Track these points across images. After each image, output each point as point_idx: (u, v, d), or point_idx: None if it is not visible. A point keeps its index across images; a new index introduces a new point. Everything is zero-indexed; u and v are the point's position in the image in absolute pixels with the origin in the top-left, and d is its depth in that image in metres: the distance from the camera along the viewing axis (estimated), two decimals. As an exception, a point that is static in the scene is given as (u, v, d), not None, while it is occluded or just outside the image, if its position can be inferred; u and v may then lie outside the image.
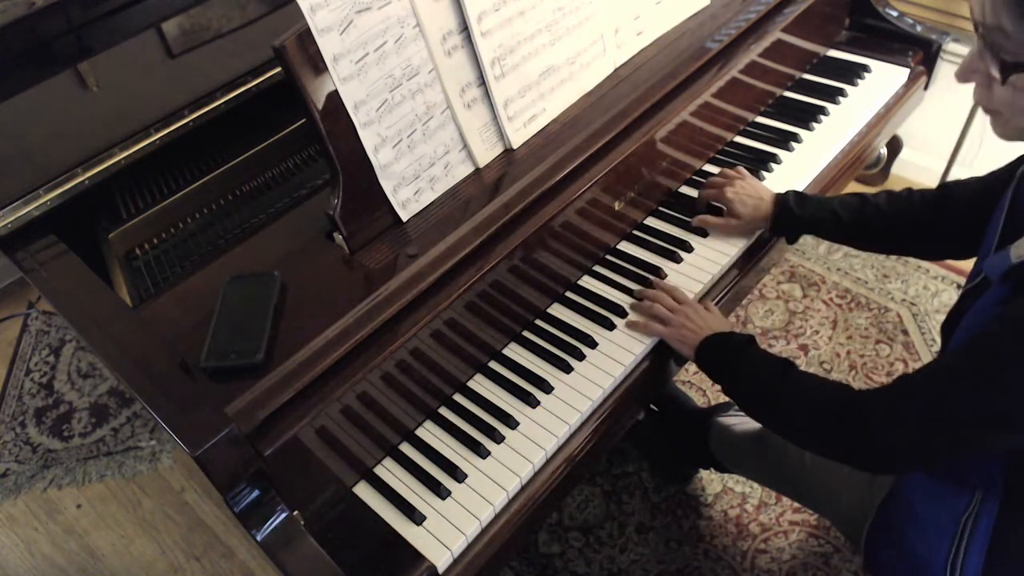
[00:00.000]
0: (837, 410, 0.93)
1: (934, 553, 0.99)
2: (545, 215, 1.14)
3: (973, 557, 0.96)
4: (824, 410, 0.95)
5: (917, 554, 1.02)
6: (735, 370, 1.07)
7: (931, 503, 1.00)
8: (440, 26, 1.07)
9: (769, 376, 1.02)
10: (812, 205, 1.25)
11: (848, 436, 0.92)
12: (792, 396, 0.99)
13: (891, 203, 1.19)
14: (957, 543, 0.97)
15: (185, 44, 1.43)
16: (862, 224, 1.21)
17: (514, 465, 1.04)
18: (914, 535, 1.02)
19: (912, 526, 1.03)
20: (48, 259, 1.12)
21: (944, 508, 0.98)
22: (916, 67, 1.66)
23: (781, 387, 0.99)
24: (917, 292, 2.07)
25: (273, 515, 0.90)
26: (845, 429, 0.92)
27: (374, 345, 0.98)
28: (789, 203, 1.26)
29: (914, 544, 1.02)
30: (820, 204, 1.25)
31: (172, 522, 1.81)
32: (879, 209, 1.20)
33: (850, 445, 0.93)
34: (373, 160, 1.04)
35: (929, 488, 1.01)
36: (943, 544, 0.98)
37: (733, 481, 1.72)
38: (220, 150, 1.35)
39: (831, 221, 1.23)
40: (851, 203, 1.22)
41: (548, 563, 1.62)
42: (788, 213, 1.26)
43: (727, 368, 1.08)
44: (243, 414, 0.87)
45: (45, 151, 1.23)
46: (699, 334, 1.12)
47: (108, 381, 2.14)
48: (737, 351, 1.07)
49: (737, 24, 1.42)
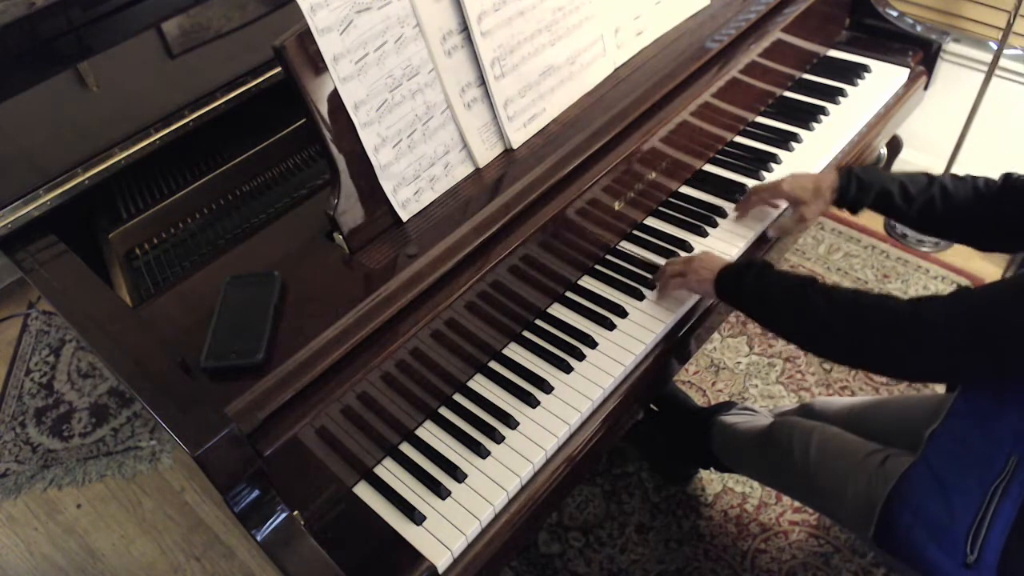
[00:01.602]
0: (889, 318, 0.95)
1: (957, 521, 1.00)
2: (545, 215, 1.14)
3: (998, 526, 0.98)
4: (870, 318, 0.96)
5: (939, 522, 1.02)
6: (760, 294, 1.08)
7: (961, 471, 1.01)
8: (440, 26, 1.07)
9: (798, 292, 1.03)
10: (880, 175, 1.24)
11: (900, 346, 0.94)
12: (831, 312, 1.00)
13: (956, 186, 1.18)
14: (983, 511, 0.98)
15: (185, 44, 1.43)
16: (927, 202, 1.20)
17: (514, 465, 1.04)
18: (937, 503, 1.03)
19: (937, 495, 1.03)
20: (48, 259, 1.12)
21: (974, 476, 1.00)
22: (916, 67, 1.66)
23: (814, 302, 1.01)
24: (917, 292, 2.07)
25: (273, 515, 0.90)
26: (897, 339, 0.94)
27: (374, 345, 0.98)
28: (856, 173, 1.25)
29: (937, 513, 1.03)
30: (889, 177, 1.24)
31: (172, 522, 1.81)
32: (945, 190, 1.19)
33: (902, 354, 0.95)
34: (373, 160, 1.04)
35: (960, 456, 1.02)
36: (968, 512, 1.00)
37: (733, 481, 1.72)
38: (220, 150, 1.35)
39: (899, 194, 1.22)
40: (919, 178, 1.21)
41: (548, 563, 1.62)
42: (857, 181, 1.25)
43: (750, 292, 1.10)
44: (243, 414, 0.87)
45: (45, 151, 1.23)
46: (714, 270, 1.14)
47: (108, 381, 2.14)
48: (758, 274, 1.09)
49: (737, 24, 1.42)
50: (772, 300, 1.08)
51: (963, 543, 1.00)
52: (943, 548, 1.02)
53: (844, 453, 1.20)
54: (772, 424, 1.36)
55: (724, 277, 1.14)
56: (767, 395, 1.87)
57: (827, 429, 1.26)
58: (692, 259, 1.19)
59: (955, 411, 1.06)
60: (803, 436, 1.26)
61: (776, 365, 1.93)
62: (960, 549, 1.00)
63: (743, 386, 1.90)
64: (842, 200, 1.28)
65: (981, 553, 0.99)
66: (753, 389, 1.89)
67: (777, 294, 1.07)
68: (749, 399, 1.87)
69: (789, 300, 1.05)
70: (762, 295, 1.09)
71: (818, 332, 1.04)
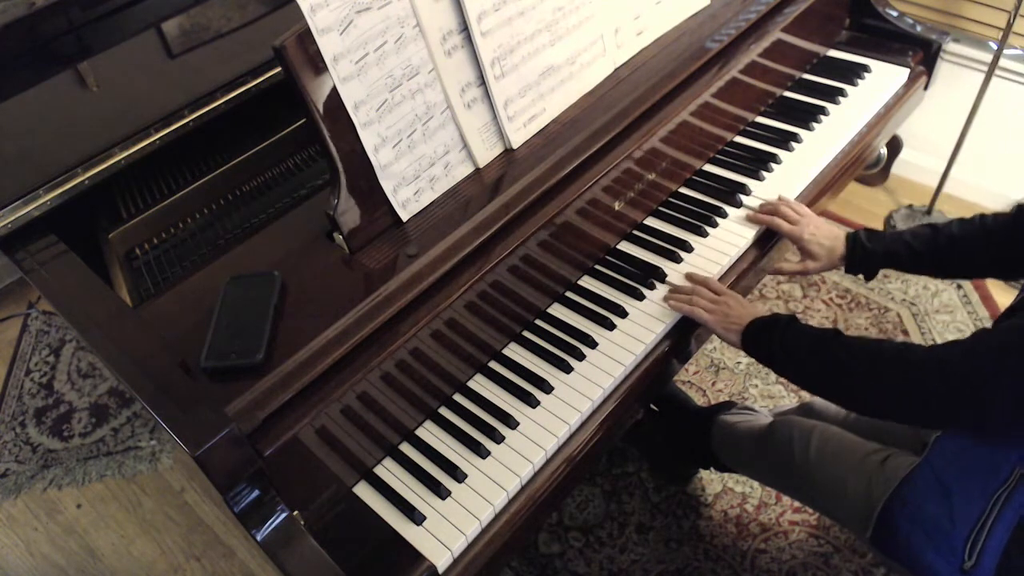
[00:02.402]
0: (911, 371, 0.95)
1: (958, 526, 1.01)
2: (545, 215, 1.14)
3: (998, 532, 0.98)
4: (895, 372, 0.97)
5: (939, 526, 1.03)
6: (787, 349, 1.09)
7: (965, 477, 1.02)
8: (440, 26, 1.07)
9: (824, 347, 1.04)
10: (884, 240, 1.26)
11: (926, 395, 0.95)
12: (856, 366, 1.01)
13: (964, 230, 1.20)
14: (985, 517, 0.99)
15: (185, 44, 1.43)
16: (936, 254, 1.21)
17: (514, 465, 1.04)
18: (939, 508, 1.03)
19: (939, 499, 1.04)
20: (48, 259, 1.12)
21: (978, 482, 1.00)
22: (916, 67, 1.66)
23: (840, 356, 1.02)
24: (917, 292, 2.07)
25: (273, 515, 0.90)
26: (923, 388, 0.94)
27: (374, 345, 0.98)
28: (861, 240, 1.27)
29: (937, 517, 1.03)
30: (892, 238, 1.25)
31: (172, 522, 1.81)
32: (952, 238, 1.20)
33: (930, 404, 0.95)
34: (373, 160, 1.04)
35: (965, 463, 1.02)
36: (970, 518, 1.00)
37: (733, 481, 1.72)
38: (220, 150, 1.35)
39: (906, 255, 1.24)
40: (923, 234, 1.23)
41: (548, 563, 1.62)
42: (862, 250, 1.27)
43: (778, 350, 1.10)
44: (243, 414, 0.87)
45: (45, 151, 1.23)
46: (743, 320, 1.15)
47: (108, 381, 2.14)
48: (783, 330, 1.09)
49: (737, 24, 1.42)
50: (799, 353, 1.08)
51: (962, 549, 1.00)
52: (941, 553, 1.02)
53: (844, 453, 1.21)
54: (772, 423, 1.36)
55: (752, 331, 1.14)
56: (767, 395, 1.87)
57: (827, 429, 1.27)
58: (724, 303, 1.18)
59: None
60: (803, 435, 1.26)
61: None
62: (958, 554, 1.01)
63: (743, 386, 1.90)
64: (851, 265, 1.30)
65: (979, 559, 0.99)
66: (753, 389, 1.89)
67: (804, 347, 1.07)
68: (749, 399, 1.87)
69: (814, 353, 1.06)
70: (790, 349, 1.09)
71: (841, 384, 1.05)
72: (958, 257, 1.21)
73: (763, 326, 1.13)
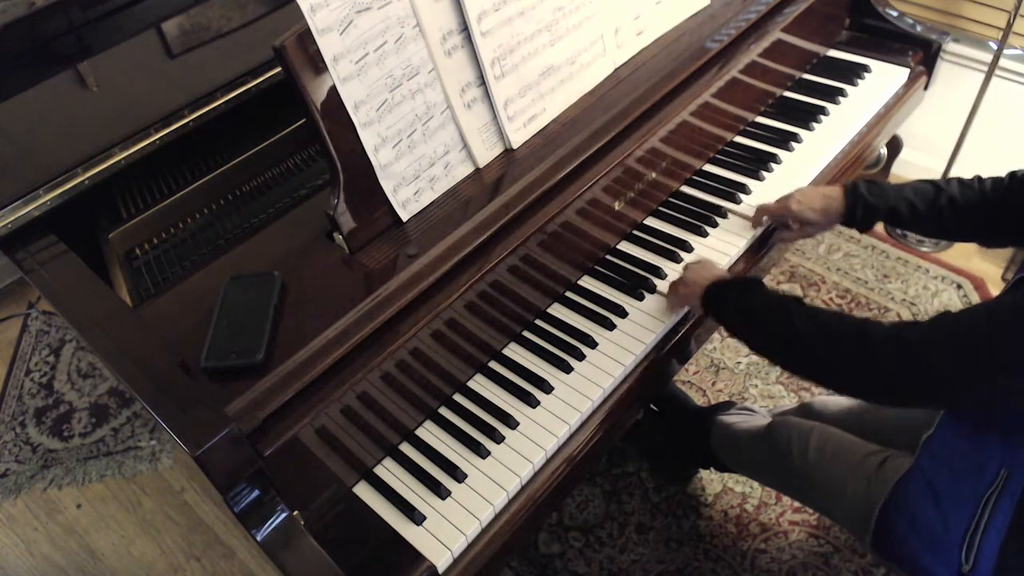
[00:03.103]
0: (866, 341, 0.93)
1: (951, 530, 1.01)
2: (545, 215, 1.14)
3: (992, 535, 0.98)
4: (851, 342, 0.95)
5: (933, 531, 1.03)
6: (743, 310, 1.07)
7: (954, 479, 1.01)
8: (440, 26, 1.07)
9: (780, 311, 1.02)
10: (888, 195, 1.23)
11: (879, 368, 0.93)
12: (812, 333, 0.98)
13: (963, 192, 1.18)
14: (976, 520, 0.98)
15: (185, 44, 1.43)
16: (938, 215, 1.20)
17: (514, 465, 1.04)
18: (932, 512, 1.03)
19: (931, 503, 1.03)
20: (48, 259, 1.12)
21: (967, 485, 1.00)
22: (916, 67, 1.66)
23: (796, 322, 0.99)
24: (917, 292, 2.07)
25: (273, 515, 0.90)
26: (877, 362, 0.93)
27: (374, 345, 0.98)
28: (862, 193, 1.24)
29: (931, 521, 1.03)
30: (896, 194, 1.23)
31: (172, 522, 1.81)
32: (952, 199, 1.18)
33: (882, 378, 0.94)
34: (373, 160, 1.04)
35: (953, 465, 1.02)
36: (962, 521, 1.00)
37: (733, 481, 1.72)
38: (220, 150, 1.35)
39: (907, 212, 1.22)
40: (926, 191, 1.21)
41: (548, 563, 1.62)
42: (863, 202, 1.24)
43: (733, 308, 1.09)
44: (243, 414, 0.87)
45: (45, 151, 1.23)
46: (702, 284, 1.13)
47: (108, 381, 2.14)
48: (742, 289, 1.08)
49: (737, 24, 1.42)
50: (754, 317, 1.06)
51: (958, 552, 1.00)
52: (938, 557, 1.02)
53: (843, 453, 1.21)
54: (771, 424, 1.36)
55: (711, 292, 1.12)
56: (767, 395, 1.87)
57: (826, 429, 1.27)
58: (689, 268, 1.18)
59: (944, 421, 1.06)
60: (802, 436, 1.26)
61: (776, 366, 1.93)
62: (955, 558, 1.00)
63: (743, 386, 1.90)
64: (850, 220, 1.27)
65: (976, 562, 0.99)
66: (753, 389, 1.89)
67: (759, 310, 1.05)
68: (749, 399, 1.87)
69: (770, 317, 1.04)
70: (745, 312, 1.07)
71: (794, 350, 1.02)
72: (956, 218, 1.19)
73: (722, 287, 1.11)
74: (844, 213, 1.26)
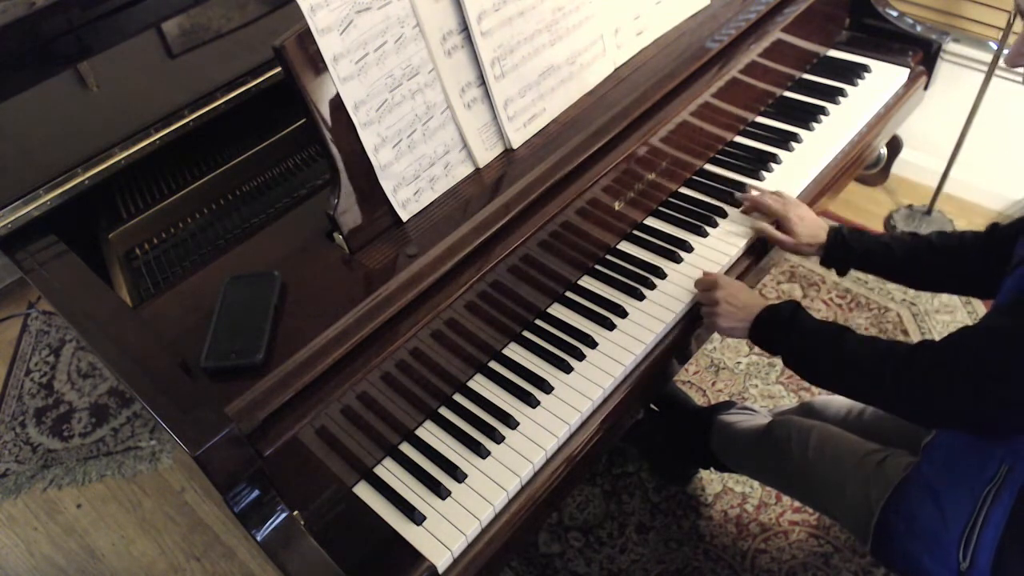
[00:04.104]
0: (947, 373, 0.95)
1: (949, 529, 1.01)
2: (545, 215, 1.14)
3: (989, 533, 0.98)
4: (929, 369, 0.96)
5: (931, 531, 1.03)
6: (798, 343, 1.10)
7: (952, 478, 1.02)
8: (440, 26, 1.07)
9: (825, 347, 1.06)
10: (865, 239, 1.26)
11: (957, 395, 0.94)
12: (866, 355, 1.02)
13: (943, 241, 1.20)
14: (974, 518, 0.99)
15: (185, 44, 1.43)
16: (913, 259, 1.22)
17: (514, 465, 1.04)
18: (930, 512, 1.04)
19: (929, 503, 1.04)
20: (48, 259, 1.12)
21: (965, 483, 1.00)
22: (916, 67, 1.66)
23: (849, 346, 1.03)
24: (917, 292, 2.06)
25: (273, 515, 0.90)
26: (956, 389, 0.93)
27: (374, 345, 0.98)
28: (843, 234, 1.27)
29: (929, 521, 1.04)
30: (873, 239, 1.26)
31: (172, 522, 1.81)
32: (931, 245, 1.20)
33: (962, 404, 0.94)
34: (373, 160, 1.04)
35: (952, 463, 1.03)
36: (959, 520, 1.00)
37: (733, 481, 1.72)
38: (220, 150, 1.35)
39: (882, 255, 1.24)
40: (903, 238, 1.23)
41: (548, 563, 1.62)
42: (842, 243, 1.27)
43: (786, 342, 1.11)
44: (243, 414, 0.87)
45: (45, 151, 1.23)
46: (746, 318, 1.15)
47: (108, 381, 2.14)
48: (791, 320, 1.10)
49: (737, 24, 1.42)
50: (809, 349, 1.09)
51: (955, 551, 1.00)
52: (936, 557, 1.03)
53: (843, 453, 1.21)
54: (771, 423, 1.36)
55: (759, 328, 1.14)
56: (767, 395, 1.87)
57: (825, 429, 1.27)
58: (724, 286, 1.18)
59: None
60: (802, 435, 1.26)
61: (776, 365, 1.93)
62: (953, 557, 1.01)
63: (743, 386, 1.90)
64: (827, 259, 1.30)
65: (974, 560, 0.99)
66: (753, 389, 1.89)
67: (813, 343, 1.08)
68: (749, 399, 1.87)
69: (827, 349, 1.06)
70: (801, 345, 1.09)
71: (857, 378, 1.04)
72: (932, 266, 1.21)
73: (770, 328, 1.13)
74: (825, 248, 1.29)
